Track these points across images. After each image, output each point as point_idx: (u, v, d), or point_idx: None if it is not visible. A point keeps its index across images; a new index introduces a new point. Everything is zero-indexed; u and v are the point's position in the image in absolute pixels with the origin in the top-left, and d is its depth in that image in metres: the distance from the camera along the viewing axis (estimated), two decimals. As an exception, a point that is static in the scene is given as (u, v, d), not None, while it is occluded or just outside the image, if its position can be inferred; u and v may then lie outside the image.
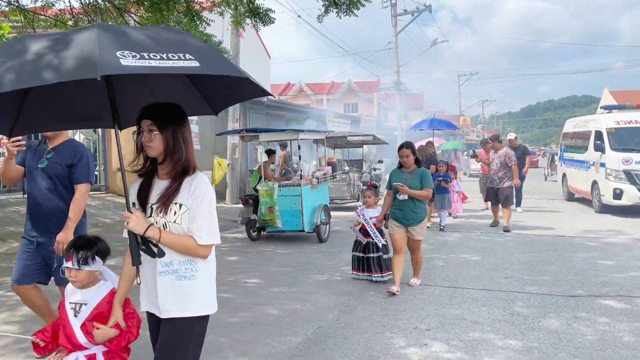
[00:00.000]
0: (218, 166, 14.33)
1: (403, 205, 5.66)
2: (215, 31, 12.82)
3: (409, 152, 5.74)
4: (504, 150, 9.95)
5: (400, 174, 5.81)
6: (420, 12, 28.05)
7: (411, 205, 5.63)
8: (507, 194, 9.78)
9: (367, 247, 6.18)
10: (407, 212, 5.65)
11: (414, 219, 5.64)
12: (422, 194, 5.63)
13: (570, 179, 14.56)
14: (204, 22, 10.14)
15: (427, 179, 5.70)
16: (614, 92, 66.55)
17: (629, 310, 4.92)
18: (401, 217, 5.69)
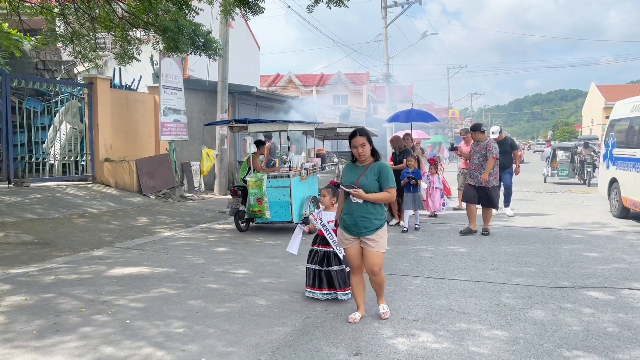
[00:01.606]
0: (206, 157, 14.26)
1: (352, 209, 4.41)
2: (204, 20, 12.72)
3: (364, 141, 4.41)
4: (486, 142, 8.66)
5: (353, 170, 4.51)
6: (411, 4, 28.01)
7: (363, 209, 4.37)
8: (491, 193, 8.55)
9: (327, 259, 5.08)
10: (357, 218, 4.37)
11: (366, 226, 4.35)
12: (380, 197, 4.35)
13: (627, 187, 10.02)
14: (193, 11, 10.06)
15: (387, 176, 4.39)
16: (601, 86, 67.22)
17: (613, 302, 4.99)
18: (350, 225, 4.41)
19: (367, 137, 4.45)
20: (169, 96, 13.39)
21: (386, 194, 4.38)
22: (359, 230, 4.39)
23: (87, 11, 10.54)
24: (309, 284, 5.13)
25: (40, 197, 10.53)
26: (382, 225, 4.43)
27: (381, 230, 4.42)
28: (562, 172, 19.20)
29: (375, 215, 4.40)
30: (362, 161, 4.50)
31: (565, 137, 74.47)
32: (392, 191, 4.41)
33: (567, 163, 19.29)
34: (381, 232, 4.42)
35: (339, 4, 9.37)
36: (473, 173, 8.74)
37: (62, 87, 12.48)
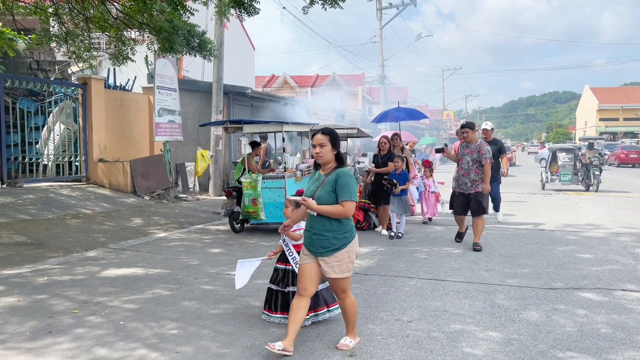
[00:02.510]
0: (201, 158, 14.22)
1: (310, 224, 3.82)
2: (199, 21, 12.69)
3: (325, 141, 3.74)
4: (477, 144, 7.57)
5: (317, 179, 3.89)
6: (406, 6, 28.09)
7: (320, 225, 3.72)
8: (482, 199, 7.57)
9: (286, 278, 4.51)
10: (314, 236, 3.75)
11: (323, 245, 3.71)
12: (331, 210, 3.67)
13: None
14: (188, 12, 10.04)
15: (343, 186, 3.67)
16: (595, 88, 67.60)
17: (606, 303, 5.01)
18: (307, 242, 3.84)
19: (330, 138, 3.77)
20: (163, 97, 13.36)
21: (339, 207, 3.64)
22: (315, 250, 3.75)
23: (82, 11, 10.50)
24: (266, 306, 4.54)
25: (33, 198, 10.48)
26: (344, 246, 3.71)
27: (342, 251, 3.71)
28: (565, 177, 16.88)
29: (336, 233, 3.71)
30: (323, 167, 3.85)
31: (559, 139, 74.82)
32: (348, 205, 3.65)
33: (569, 167, 17.04)
34: (341, 254, 3.71)
35: (334, 5, 9.38)
36: (461, 179, 7.66)
37: (56, 87, 12.42)
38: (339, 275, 3.74)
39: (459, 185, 7.71)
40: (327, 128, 3.92)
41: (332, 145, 3.77)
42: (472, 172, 7.55)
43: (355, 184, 3.75)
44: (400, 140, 9.81)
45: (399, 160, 8.61)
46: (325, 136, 3.77)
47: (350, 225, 3.81)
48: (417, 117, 12.58)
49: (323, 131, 3.82)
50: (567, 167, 17.05)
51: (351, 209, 3.69)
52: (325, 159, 3.78)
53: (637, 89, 70.57)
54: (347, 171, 3.76)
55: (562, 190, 16.77)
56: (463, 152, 7.65)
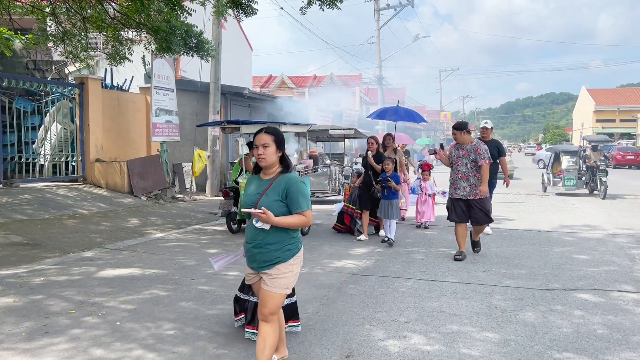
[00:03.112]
0: (198, 158, 14.22)
1: (250, 237, 3.31)
2: (197, 21, 12.68)
3: (268, 141, 3.24)
4: (473, 144, 6.98)
5: (258, 185, 3.35)
6: (403, 7, 28.14)
7: (261, 237, 3.24)
8: (485, 205, 6.95)
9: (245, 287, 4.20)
10: (255, 249, 3.27)
11: (264, 259, 3.25)
12: (293, 221, 3.21)
13: None
14: (185, 12, 10.03)
15: (297, 195, 3.21)
16: (591, 90, 67.79)
17: (603, 304, 5.02)
18: (248, 256, 3.37)
19: (275, 138, 3.27)
20: (160, 97, 13.34)
21: (300, 217, 3.20)
22: (257, 265, 3.29)
23: (79, 11, 10.48)
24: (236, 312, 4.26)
25: (30, 198, 10.45)
26: (288, 258, 3.27)
27: (286, 264, 3.26)
28: (569, 182, 15.68)
29: (280, 244, 3.24)
30: (265, 171, 3.33)
31: (556, 140, 75.00)
32: (309, 214, 3.25)
33: (574, 170, 15.81)
34: (284, 267, 3.25)
35: (331, 6, 9.39)
36: (459, 183, 7.01)
37: (52, 87, 12.39)
38: (278, 290, 3.25)
39: (457, 191, 7.03)
40: (271, 127, 3.40)
41: (276, 146, 3.26)
42: (471, 175, 6.92)
43: (307, 189, 3.38)
44: (393, 141, 9.53)
45: (388, 162, 8.23)
46: (269, 135, 3.26)
47: (296, 237, 3.32)
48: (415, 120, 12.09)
49: (266, 130, 3.32)
50: (571, 171, 15.78)
51: (311, 219, 3.29)
52: (269, 161, 3.26)
53: (633, 91, 70.81)
54: (297, 177, 3.29)
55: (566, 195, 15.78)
56: (458, 155, 7.04)
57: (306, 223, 3.27)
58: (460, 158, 7.03)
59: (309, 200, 3.31)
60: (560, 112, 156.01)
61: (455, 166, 7.07)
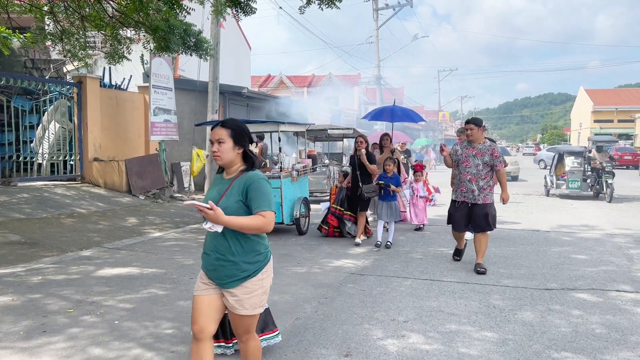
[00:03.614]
0: (197, 157, 14.21)
1: (209, 244, 2.87)
2: (196, 20, 12.67)
3: (224, 136, 2.82)
4: (487, 145, 6.35)
5: (220, 184, 2.94)
6: (402, 7, 28.14)
7: (223, 245, 2.79)
8: (490, 211, 6.32)
9: None
10: (217, 261, 2.81)
11: (227, 274, 2.79)
12: (248, 223, 2.72)
13: None
14: (184, 11, 10.01)
15: (258, 193, 2.77)
16: (590, 90, 67.89)
17: (601, 303, 5.03)
18: (207, 266, 2.88)
19: (232, 132, 2.82)
20: (159, 96, 13.32)
21: (258, 218, 2.71)
22: (219, 279, 2.82)
23: (77, 9, 10.46)
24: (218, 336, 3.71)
25: (28, 197, 10.43)
26: (256, 272, 2.81)
27: (254, 280, 2.80)
28: (573, 184, 14.84)
29: (246, 255, 2.79)
30: (227, 170, 2.92)
31: (554, 140, 75.07)
32: (269, 216, 2.74)
33: (579, 172, 14.94)
34: (252, 284, 2.80)
35: (330, 5, 9.37)
36: (467, 186, 6.33)
37: (51, 85, 12.37)
38: (249, 311, 2.81)
39: (463, 194, 6.38)
40: (229, 120, 2.93)
41: (234, 142, 2.82)
42: (481, 178, 6.27)
43: (270, 188, 2.85)
44: (391, 141, 9.26)
45: (390, 162, 7.99)
46: (225, 130, 2.82)
47: (265, 245, 2.89)
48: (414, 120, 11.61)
49: (223, 123, 2.87)
50: (575, 173, 14.97)
51: (272, 221, 2.76)
52: (225, 159, 2.83)
53: (631, 91, 70.92)
54: (259, 174, 2.86)
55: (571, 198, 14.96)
56: (467, 154, 6.35)
57: (265, 226, 2.72)
58: (469, 158, 6.33)
59: (270, 200, 2.80)
60: (558, 113, 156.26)
61: (463, 166, 6.36)
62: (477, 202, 6.29)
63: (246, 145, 2.90)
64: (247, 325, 2.89)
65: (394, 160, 8.15)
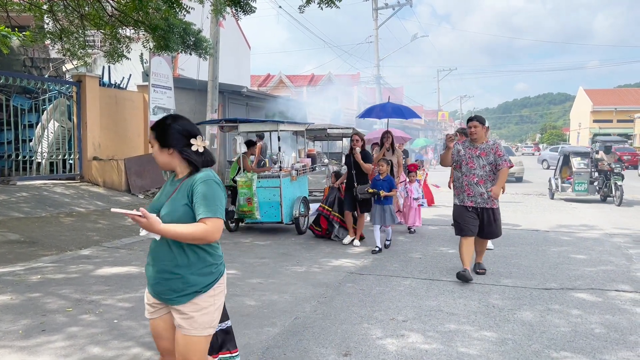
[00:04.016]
0: (196, 156, 14.18)
1: (152, 255, 2.54)
2: (195, 19, 12.66)
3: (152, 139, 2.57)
4: (490, 144, 5.93)
5: (170, 186, 2.63)
6: (402, 6, 28.15)
7: (169, 255, 2.47)
8: (497, 216, 5.97)
9: None
10: (159, 274, 2.48)
11: (172, 288, 2.46)
12: (188, 232, 2.36)
13: None
14: (183, 10, 10.01)
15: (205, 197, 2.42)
16: (589, 90, 67.93)
17: (600, 303, 5.03)
18: (150, 280, 2.54)
19: (155, 134, 2.55)
20: (158, 95, 13.32)
21: (200, 227, 2.34)
22: (163, 294, 2.48)
23: (77, 8, 10.45)
24: None
25: (27, 196, 10.42)
26: (207, 287, 2.47)
27: (204, 296, 2.47)
28: (579, 186, 14.00)
29: (194, 268, 2.45)
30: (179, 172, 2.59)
31: (553, 140, 75.10)
32: (213, 223, 2.36)
33: (585, 174, 14.11)
34: (203, 300, 2.47)
35: (330, 5, 9.36)
36: (474, 189, 5.84)
37: (50, 84, 12.36)
38: (199, 332, 2.47)
39: (471, 197, 5.86)
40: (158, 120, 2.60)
41: (160, 145, 2.53)
42: (488, 180, 5.83)
43: (220, 191, 2.47)
44: (393, 140, 8.86)
45: (383, 163, 7.52)
46: (152, 132, 2.57)
47: (218, 256, 2.56)
48: (404, 116, 10.73)
49: (152, 126, 2.58)
50: (582, 175, 14.08)
51: (217, 230, 2.38)
52: (159, 162, 2.58)
53: (630, 91, 70.97)
54: (207, 175, 2.48)
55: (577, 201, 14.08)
56: (471, 154, 5.90)
57: (207, 235, 2.35)
58: (473, 158, 5.88)
59: (217, 206, 2.40)
60: (557, 113, 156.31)
61: (468, 168, 5.88)
62: (486, 206, 5.84)
63: (177, 145, 2.50)
64: (197, 350, 2.49)
65: (387, 161, 7.71)
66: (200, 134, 2.58)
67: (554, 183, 14.85)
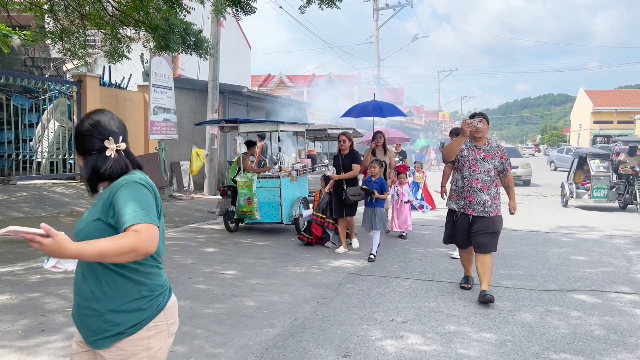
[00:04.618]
0: (196, 157, 14.20)
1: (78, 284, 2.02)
2: (196, 19, 12.65)
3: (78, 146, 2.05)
4: (494, 146, 5.33)
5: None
6: (402, 7, 28.16)
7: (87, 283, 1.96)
8: (497, 227, 5.24)
9: None
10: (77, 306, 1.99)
11: (93, 328, 1.92)
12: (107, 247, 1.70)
13: None
14: (184, 10, 10.01)
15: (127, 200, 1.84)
16: (589, 91, 67.90)
17: (600, 305, 5.03)
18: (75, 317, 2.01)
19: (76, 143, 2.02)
20: (159, 95, 13.31)
21: (127, 237, 1.74)
22: (85, 336, 1.98)
23: (77, 8, 10.45)
24: None
25: (27, 196, 10.42)
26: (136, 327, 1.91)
27: (133, 339, 1.91)
28: (599, 192, 12.47)
29: (111, 302, 1.90)
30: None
31: (553, 141, 75.08)
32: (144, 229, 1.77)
33: (605, 178, 12.55)
34: (130, 345, 1.91)
35: (330, 5, 9.36)
36: (477, 195, 5.17)
37: (50, 84, 12.36)
38: None
39: (472, 205, 5.20)
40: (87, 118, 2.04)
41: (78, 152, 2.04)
42: (492, 185, 5.21)
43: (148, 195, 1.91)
44: (384, 140, 8.43)
45: (375, 165, 7.15)
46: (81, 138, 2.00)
47: (152, 285, 1.97)
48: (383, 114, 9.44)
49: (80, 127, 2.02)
50: (602, 180, 12.53)
51: (149, 239, 1.76)
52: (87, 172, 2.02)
53: (631, 92, 70.92)
54: (131, 177, 1.94)
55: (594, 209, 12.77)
56: (474, 156, 5.22)
57: (138, 245, 1.73)
58: (477, 161, 5.21)
59: (147, 209, 1.84)
60: (558, 114, 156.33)
61: (471, 171, 5.20)
62: (488, 215, 5.15)
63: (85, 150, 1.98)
64: None
65: (380, 163, 7.31)
66: (115, 133, 1.99)
67: (568, 188, 13.21)
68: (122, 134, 2.04)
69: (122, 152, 2.00)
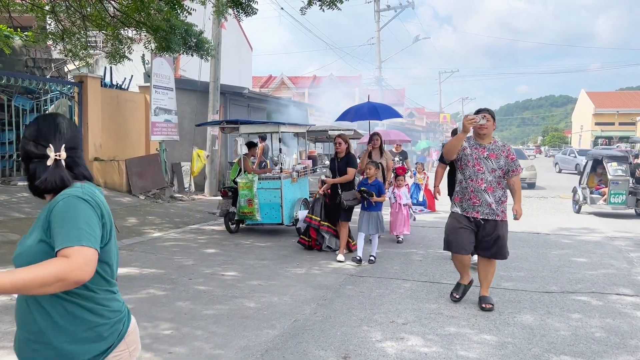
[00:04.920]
0: (197, 158, 14.21)
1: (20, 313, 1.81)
2: (197, 21, 12.67)
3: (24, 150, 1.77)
4: (499, 145, 5.01)
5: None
6: (403, 9, 28.18)
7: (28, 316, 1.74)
8: (504, 233, 4.99)
9: None
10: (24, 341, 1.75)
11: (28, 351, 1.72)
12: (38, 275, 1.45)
13: None
14: (185, 11, 10.02)
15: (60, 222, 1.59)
16: (591, 92, 67.87)
17: (601, 307, 5.01)
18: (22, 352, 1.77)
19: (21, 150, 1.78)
20: (160, 96, 13.33)
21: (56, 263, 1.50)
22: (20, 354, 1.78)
23: (79, 9, 10.47)
24: None
25: (27, 196, 10.42)
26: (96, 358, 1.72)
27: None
28: (616, 197, 11.45)
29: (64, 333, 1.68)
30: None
31: (555, 142, 75.03)
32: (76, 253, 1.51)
33: (624, 182, 11.43)
34: None
35: (332, 7, 9.37)
36: (482, 197, 4.87)
37: (52, 85, 12.37)
38: None
39: (476, 207, 4.89)
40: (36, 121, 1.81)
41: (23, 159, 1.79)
42: (498, 187, 4.90)
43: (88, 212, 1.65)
44: (382, 141, 8.28)
45: (371, 166, 6.93)
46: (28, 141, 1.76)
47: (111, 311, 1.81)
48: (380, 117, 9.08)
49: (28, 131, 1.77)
50: (620, 184, 11.43)
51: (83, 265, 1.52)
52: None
53: (633, 94, 70.88)
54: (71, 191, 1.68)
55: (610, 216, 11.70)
56: (479, 155, 4.91)
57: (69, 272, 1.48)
58: (481, 160, 4.90)
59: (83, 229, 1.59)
60: (559, 115, 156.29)
61: (474, 171, 4.89)
62: (494, 219, 4.89)
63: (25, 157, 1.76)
64: None
65: (376, 165, 7.10)
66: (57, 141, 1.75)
67: (581, 193, 12.17)
68: (70, 141, 1.78)
69: (63, 162, 1.73)
